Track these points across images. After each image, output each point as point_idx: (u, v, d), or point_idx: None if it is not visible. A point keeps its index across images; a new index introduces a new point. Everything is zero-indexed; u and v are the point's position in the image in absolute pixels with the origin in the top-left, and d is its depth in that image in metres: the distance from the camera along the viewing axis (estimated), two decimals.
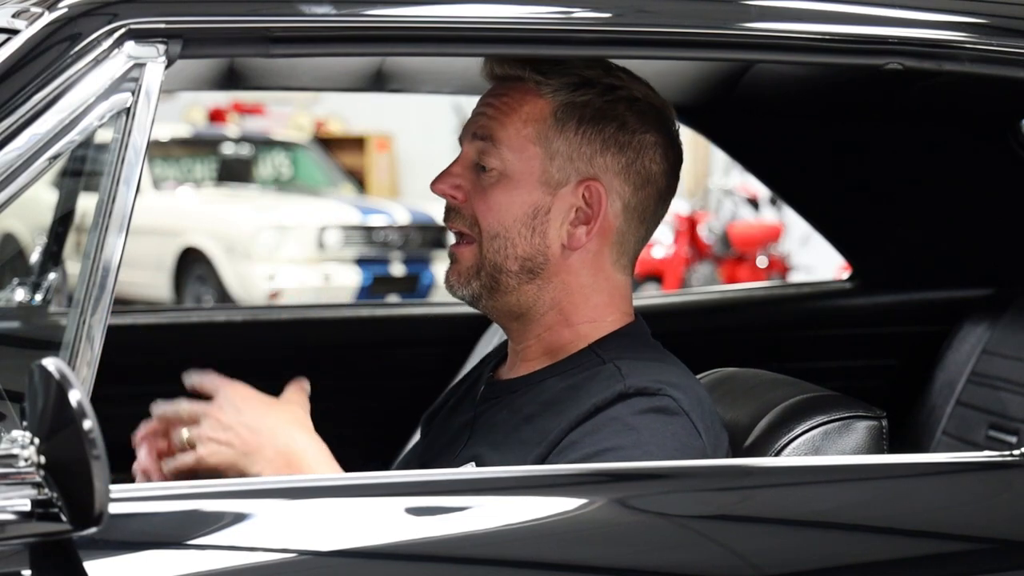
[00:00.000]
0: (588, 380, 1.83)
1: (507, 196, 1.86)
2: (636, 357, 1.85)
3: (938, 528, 1.81)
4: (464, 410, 1.97)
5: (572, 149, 1.86)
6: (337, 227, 10.88)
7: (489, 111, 1.89)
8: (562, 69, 1.87)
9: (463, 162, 1.90)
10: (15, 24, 1.62)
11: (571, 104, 1.86)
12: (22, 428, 1.46)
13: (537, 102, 1.86)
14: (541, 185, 1.86)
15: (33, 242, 3.29)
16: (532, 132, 1.86)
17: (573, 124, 1.86)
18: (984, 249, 3.12)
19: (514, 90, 1.88)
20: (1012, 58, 1.88)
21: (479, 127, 1.89)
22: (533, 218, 1.86)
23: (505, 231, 1.86)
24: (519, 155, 1.86)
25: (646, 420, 1.75)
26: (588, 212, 1.86)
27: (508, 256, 1.86)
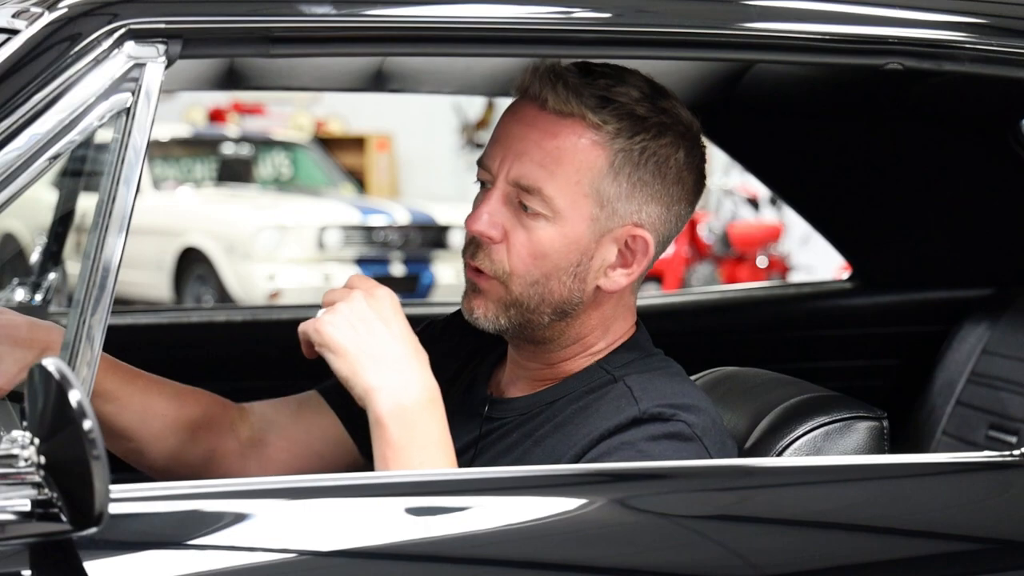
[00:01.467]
0: (599, 400, 1.80)
1: (554, 244, 1.78)
2: (646, 373, 1.83)
3: (938, 528, 1.81)
4: (463, 425, 1.89)
5: (623, 196, 1.79)
6: (337, 227, 10.88)
7: (536, 155, 1.77)
8: (617, 107, 1.78)
9: (500, 198, 1.80)
10: (15, 24, 1.62)
11: (627, 151, 1.78)
12: (22, 428, 1.46)
13: (593, 149, 1.77)
14: (589, 233, 1.79)
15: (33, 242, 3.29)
16: (586, 183, 1.77)
17: (627, 172, 1.78)
18: (984, 249, 3.12)
19: (567, 132, 1.77)
20: (1012, 58, 1.88)
21: (524, 176, 1.77)
22: (577, 265, 1.80)
23: (545, 279, 1.79)
24: (570, 206, 1.77)
25: (660, 447, 1.73)
26: (629, 256, 1.82)
27: (543, 301, 1.80)
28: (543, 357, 1.86)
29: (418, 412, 1.68)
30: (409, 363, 1.70)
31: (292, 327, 3.12)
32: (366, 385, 1.68)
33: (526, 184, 1.77)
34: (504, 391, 1.91)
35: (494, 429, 1.87)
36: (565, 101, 1.77)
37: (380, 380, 1.67)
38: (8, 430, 1.50)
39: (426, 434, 1.68)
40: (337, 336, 1.68)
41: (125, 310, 4.55)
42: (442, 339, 2.02)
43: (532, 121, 1.79)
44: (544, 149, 1.77)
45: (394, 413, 1.67)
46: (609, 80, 1.80)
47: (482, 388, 1.93)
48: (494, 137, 1.83)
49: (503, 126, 1.82)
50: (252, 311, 4.00)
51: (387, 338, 1.69)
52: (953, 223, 3.12)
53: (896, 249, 3.21)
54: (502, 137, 1.81)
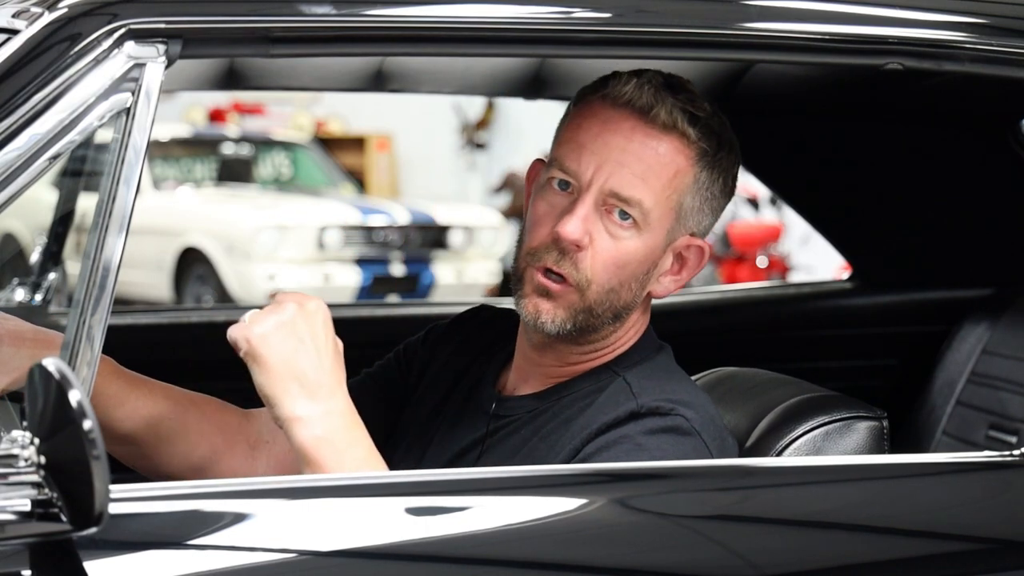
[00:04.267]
0: (600, 394, 1.82)
1: (638, 254, 1.80)
2: (647, 369, 1.85)
3: (938, 528, 1.81)
4: (471, 423, 1.90)
5: (695, 209, 1.84)
6: (337, 227, 10.88)
7: (637, 167, 1.79)
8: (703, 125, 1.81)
9: (592, 205, 1.79)
10: (15, 24, 1.62)
11: (709, 169, 1.83)
12: (22, 428, 1.46)
13: (685, 166, 1.81)
14: (664, 243, 1.83)
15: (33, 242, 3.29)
16: (675, 196, 1.81)
17: (705, 187, 1.83)
18: (984, 249, 3.12)
19: (668, 146, 1.80)
20: (1012, 58, 1.88)
21: (624, 187, 1.78)
22: (646, 274, 1.83)
23: (620, 286, 1.81)
24: (659, 218, 1.80)
25: (658, 440, 1.74)
26: (680, 265, 1.85)
27: (611, 306, 1.81)
28: (567, 356, 1.86)
29: (341, 438, 1.67)
30: (331, 389, 1.68)
31: None
32: (290, 414, 1.67)
33: (626, 196, 1.78)
34: (513, 389, 1.91)
35: (502, 427, 1.87)
36: (672, 117, 1.79)
37: (304, 410, 1.66)
38: (8, 430, 1.50)
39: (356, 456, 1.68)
40: (265, 350, 1.67)
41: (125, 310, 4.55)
42: (446, 341, 2.02)
43: (632, 133, 1.79)
44: (646, 162, 1.79)
45: (319, 442, 1.66)
46: (687, 94, 1.83)
47: (489, 387, 1.93)
48: (580, 144, 1.81)
49: (594, 135, 1.80)
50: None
51: (315, 359, 1.68)
52: (953, 223, 3.11)
53: (896, 249, 3.21)
54: (595, 146, 1.80)
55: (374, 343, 2.25)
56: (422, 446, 1.94)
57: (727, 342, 3.13)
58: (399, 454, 1.96)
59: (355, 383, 2.05)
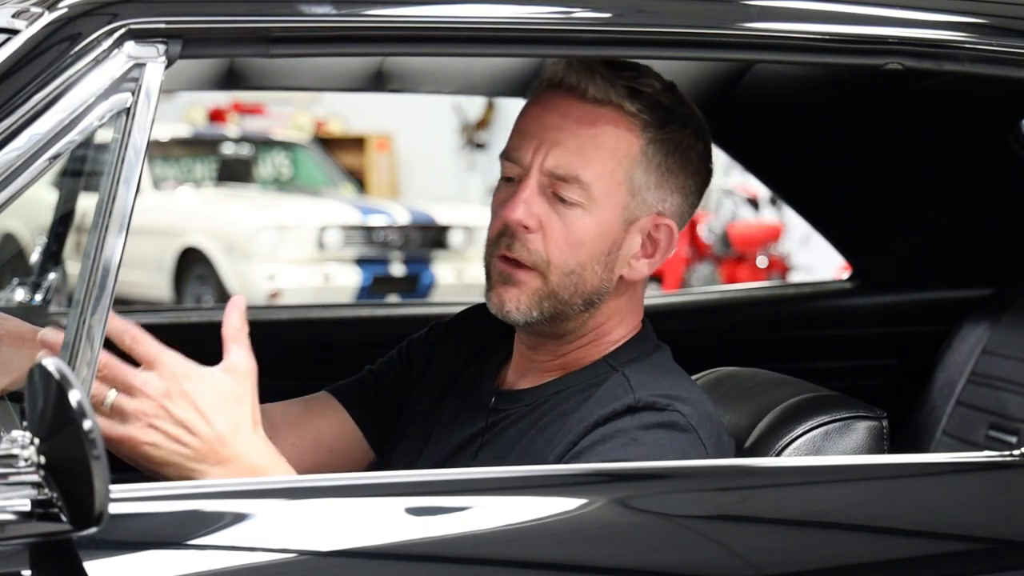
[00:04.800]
0: (597, 387, 1.82)
1: (590, 233, 1.80)
2: (645, 365, 1.85)
3: (938, 528, 1.81)
4: (470, 417, 1.91)
5: (652, 185, 1.83)
6: (337, 227, 10.88)
7: (572, 143, 1.80)
8: (647, 98, 1.81)
9: (535, 187, 1.81)
10: (15, 24, 1.62)
11: (659, 140, 1.82)
12: (22, 428, 1.46)
13: (627, 138, 1.81)
14: (621, 221, 1.82)
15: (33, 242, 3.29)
16: (621, 170, 1.81)
17: (657, 160, 1.83)
18: (984, 249, 3.12)
19: (603, 120, 1.81)
20: (1012, 58, 1.88)
21: (561, 166, 1.79)
22: (608, 254, 1.82)
23: (580, 268, 1.81)
24: (605, 193, 1.80)
25: (653, 435, 1.75)
26: (651, 246, 1.85)
27: (577, 291, 1.82)
28: (556, 349, 1.88)
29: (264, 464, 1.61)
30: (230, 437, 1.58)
31: (292, 327, 3.15)
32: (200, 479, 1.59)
33: (563, 173, 1.79)
34: (511, 384, 1.92)
35: (500, 420, 1.88)
36: (603, 91, 1.80)
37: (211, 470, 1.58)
38: (8, 430, 1.50)
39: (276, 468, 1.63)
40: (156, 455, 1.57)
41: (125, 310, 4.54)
42: (447, 338, 2.03)
43: (567, 111, 1.81)
44: (581, 137, 1.80)
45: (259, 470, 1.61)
46: (632, 72, 1.84)
47: (489, 382, 1.94)
48: (521, 130, 1.84)
49: (532, 118, 1.84)
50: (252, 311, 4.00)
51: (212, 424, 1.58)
52: (953, 223, 3.11)
53: (896, 249, 3.21)
54: (533, 128, 1.83)
55: (374, 343, 2.25)
56: (422, 441, 1.95)
57: (727, 342, 3.13)
58: (399, 449, 1.97)
59: (357, 380, 2.05)
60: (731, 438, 1.85)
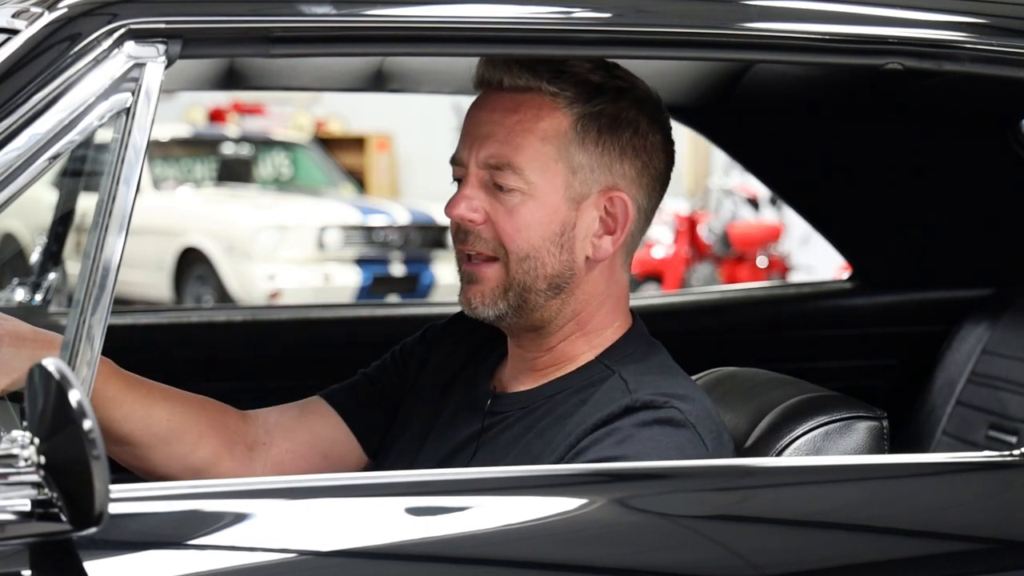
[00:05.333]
0: (595, 392, 1.82)
1: (534, 216, 1.82)
2: (642, 366, 1.84)
3: (938, 528, 1.81)
4: (466, 419, 1.91)
5: (593, 160, 1.83)
6: (337, 227, 10.88)
7: (500, 133, 1.83)
8: (571, 76, 1.83)
9: (476, 183, 1.84)
10: (15, 24, 1.62)
11: (589, 115, 1.83)
12: (22, 428, 1.46)
13: (554, 116, 1.82)
14: (566, 201, 1.83)
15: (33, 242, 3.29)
16: (553, 150, 1.82)
17: (593, 135, 1.83)
18: (984, 249, 3.12)
19: (526, 105, 1.83)
20: (1012, 58, 1.88)
21: (492, 155, 1.83)
22: (561, 235, 1.83)
23: (535, 251, 1.82)
24: (542, 175, 1.82)
25: (650, 431, 1.74)
26: (611, 222, 1.85)
27: (538, 276, 1.83)
28: (542, 342, 1.88)
29: None
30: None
31: (292, 327, 3.15)
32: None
33: (496, 162, 1.82)
34: (507, 386, 1.92)
35: (496, 423, 1.88)
36: (520, 76, 1.83)
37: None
38: (8, 430, 1.50)
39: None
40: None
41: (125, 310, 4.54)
42: (442, 340, 2.03)
43: (492, 104, 1.85)
44: (507, 125, 1.83)
45: None
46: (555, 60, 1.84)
47: (485, 384, 1.94)
48: (461, 134, 1.89)
49: (468, 120, 1.89)
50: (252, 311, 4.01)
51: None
52: (953, 223, 3.11)
53: (896, 249, 3.21)
54: (468, 128, 1.87)
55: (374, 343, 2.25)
56: (419, 442, 1.94)
57: (727, 342, 3.13)
58: (396, 450, 1.96)
59: (350, 384, 2.05)
60: (731, 437, 1.85)
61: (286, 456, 1.97)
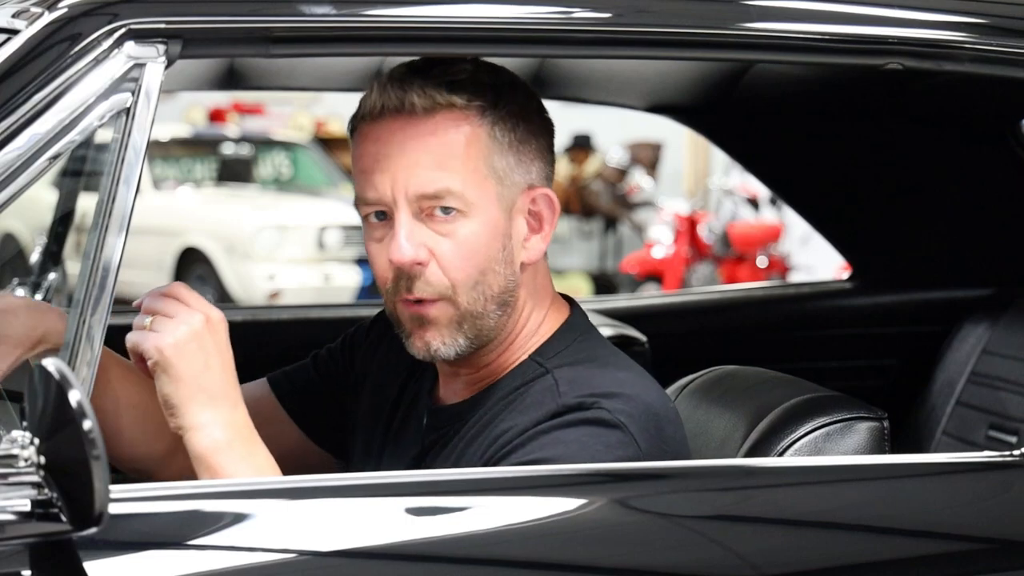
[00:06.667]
0: (525, 394, 1.77)
1: (479, 239, 1.73)
2: (578, 366, 1.78)
3: (938, 528, 1.81)
4: (410, 438, 1.86)
5: (512, 163, 1.76)
6: (337, 227, 10.88)
7: (426, 160, 1.72)
8: (470, 84, 1.75)
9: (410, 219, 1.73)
10: (15, 24, 1.62)
11: (499, 120, 1.76)
12: (22, 428, 1.46)
13: (471, 131, 1.74)
14: (500, 212, 1.76)
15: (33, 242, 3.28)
16: (480, 164, 1.74)
17: (507, 140, 1.76)
18: (984, 249, 3.12)
19: (443, 124, 1.73)
20: (1012, 58, 1.88)
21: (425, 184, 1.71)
22: (503, 250, 1.76)
23: (482, 276, 1.74)
24: (478, 193, 1.74)
25: (576, 432, 1.69)
26: (535, 221, 1.79)
27: (487, 299, 1.75)
28: (478, 361, 1.81)
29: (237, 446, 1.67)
30: (234, 401, 1.68)
31: (292, 327, 3.15)
32: (192, 422, 1.66)
33: (432, 191, 1.72)
34: (443, 399, 1.86)
35: (437, 440, 1.83)
36: (428, 97, 1.73)
37: (206, 418, 1.66)
38: (8, 430, 1.50)
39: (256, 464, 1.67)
40: (179, 363, 1.66)
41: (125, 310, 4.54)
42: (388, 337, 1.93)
43: (404, 130, 1.74)
44: (430, 151, 1.73)
45: (218, 448, 1.66)
46: (439, 68, 1.77)
47: (425, 399, 1.89)
48: (365, 170, 1.75)
49: (372, 156, 1.75)
50: (252, 311, 4.01)
51: (220, 372, 1.68)
52: (953, 223, 3.12)
53: (896, 249, 3.21)
54: (378, 164, 1.74)
55: None
56: (376, 459, 1.90)
57: (727, 342, 3.13)
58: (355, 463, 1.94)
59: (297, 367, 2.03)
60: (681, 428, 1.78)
61: None
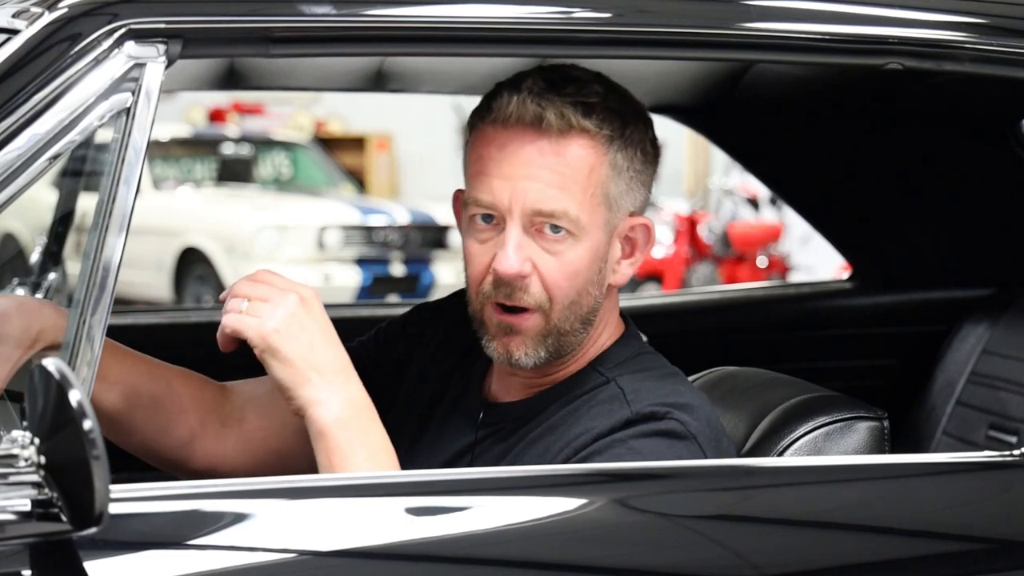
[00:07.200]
0: (591, 401, 1.80)
1: (583, 261, 1.77)
2: (639, 374, 1.82)
3: (938, 528, 1.81)
4: (457, 430, 1.89)
5: (623, 191, 1.80)
6: (337, 227, 10.88)
7: (549, 178, 1.75)
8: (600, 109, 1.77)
9: (521, 232, 1.76)
10: (15, 24, 1.62)
11: (622, 150, 1.79)
12: (22, 428, 1.46)
13: (596, 157, 1.77)
14: (604, 237, 1.80)
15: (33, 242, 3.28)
16: (597, 190, 1.77)
17: (625, 168, 1.80)
18: (984, 249, 3.12)
19: (571, 147, 1.76)
20: (1012, 58, 1.88)
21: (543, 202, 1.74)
22: (599, 273, 1.80)
23: (579, 296, 1.78)
24: (589, 217, 1.77)
25: (652, 443, 1.73)
26: (629, 246, 1.83)
27: (576, 317, 1.79)
28: (543, 369, 1.84)
29: (357, 420, 1.69)
30: (346, 376, 1.71)
31: None
32: (309, 398, 1.69)
33: (549, 210, 1.75)
34: (498, 396, 1.89)
35: (490, 434, 1.86)
36: (562, 117, 1.76)
37: (324, 394, 1.68)
38: (8, 430, 1.50)
39: (372, 441, 1.69)
40: (285, 346, 1.68)
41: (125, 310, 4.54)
42: (430, 330, 2.00)
43: (534, 146, 1.76)
44: (555, 170, 1.76)
45: (338, 424, 1.68)
46: (573, 86, 1.79)
47: (476, 391, 1.92)
48: (486, 173, 1.78)
49: (494, 159, 1.78)
50: None
51: (325, 349, 1.70)
52: (953, 223, 3.11)
53: (896, 249, 3.21)
54: (501, 171, 1.77)
55: None
56: (412, 450, 1.92)
57: (727, 342, 3.13)
58: None
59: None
60: (731, 441, 1.84)
61: (257, 433, 1.94)
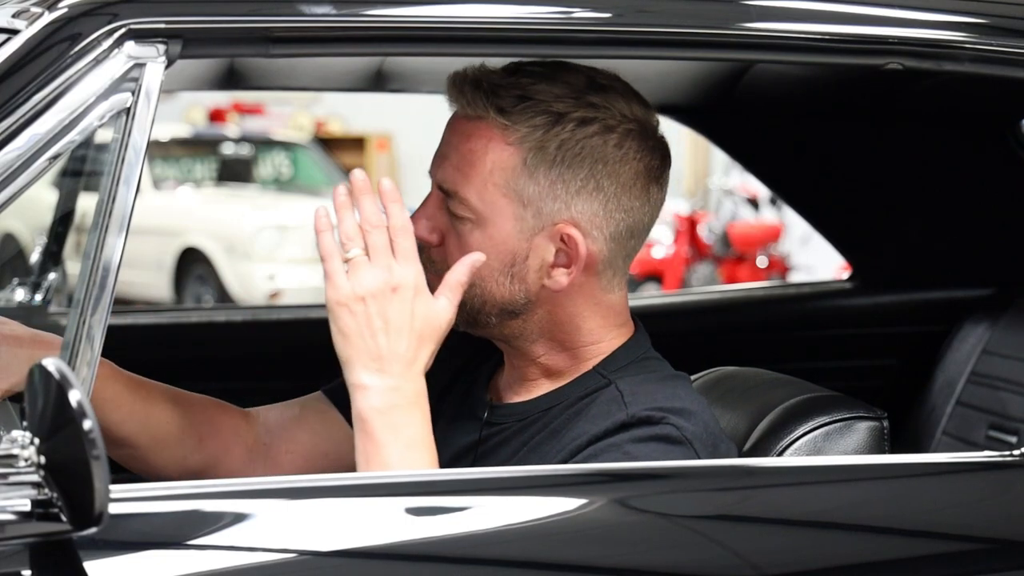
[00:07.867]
0: (590, 404, 1.79)
1: (482, 246, 1.76)
2: (640, 377, 1.81)
3: (938, 528, 1.81)
4: (464, 429, 1.89)
5: (545, 194, 1.76)
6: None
7: (454, 159, 1.79)
8: (533, 106, 1.76)
9: (437, 204, 1.81)
10: (15, 24, 1.62)
11: (541, 148, 1.75)
12: (22, 428, 1.46)
13: (504, 150, 1.76)
14: (516, 233, 1.77)
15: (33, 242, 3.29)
16: (501, 182, 1.76)
17: (544, 169, 1.76)
18: (984, 249, 3.12)
19: (477, 135, 1.77)
20: (1012, 58, 1.88)
21: (445, 180, 1.79)
22: (511, 266, 1.78)
23: (481, 281, 1.77)
24: (490, 206, 1.76)
25: (647, 449, 1.72)
26: (568, 255, 1.78)
27: (486, 302, 1.79)
28: (523, 356, 1.85)
29: (401, 414, 1.67)
30: (403, 369, 1.68)
31: (292, 327, 3.15)
32: (356, 381, 1.68)
33: (447, 188, 1.79)
34: (503, 396, 1.90)
35: (493, 435, 1.86)
36: (473, 105, 1.77)
37: (370, 380, 1.67)
38: (8, 430, 1.50)
39: (408, 435, 1.67)
40: (346, 320, 1.68)
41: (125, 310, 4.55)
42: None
43: (452, 127, 1.81)
44: (460, 153, 1.79)
45: (378, 412, 1.66)
46: (533, 78, 1.78)
47: (482, 392, 1.92)
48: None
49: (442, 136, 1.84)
50: (252, 311, 4.02)
51: (399, 338, 1.68)
52: (953, 223, 3.12)
53: (896, 249, 3.21)
54: (439, 145, 1.83)
55: None
56: None
57: (727, 342, 3.13)
58: None
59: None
60: (732, 444, 1.83)
61: (285, 457, 1.96)
